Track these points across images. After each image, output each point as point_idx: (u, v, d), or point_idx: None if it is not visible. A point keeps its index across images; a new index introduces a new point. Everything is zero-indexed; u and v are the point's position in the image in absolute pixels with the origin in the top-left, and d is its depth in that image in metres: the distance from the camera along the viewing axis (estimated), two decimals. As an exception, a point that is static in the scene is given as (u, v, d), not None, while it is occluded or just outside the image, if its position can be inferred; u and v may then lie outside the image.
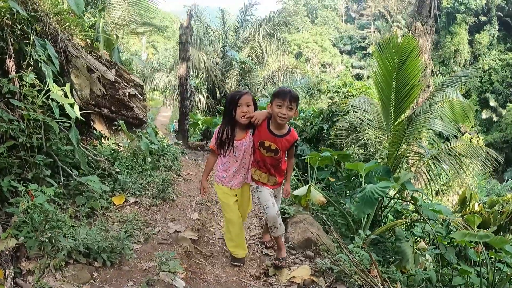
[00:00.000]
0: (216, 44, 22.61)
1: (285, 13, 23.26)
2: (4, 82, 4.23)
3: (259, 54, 21.51)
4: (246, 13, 22.76)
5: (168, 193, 5.88)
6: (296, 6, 74.47)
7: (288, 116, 3.76)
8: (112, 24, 11.71)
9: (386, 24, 63.84)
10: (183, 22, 14.23)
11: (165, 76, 22.05)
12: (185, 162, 9.23)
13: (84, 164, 4.85)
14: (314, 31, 72.07)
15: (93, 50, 6.88)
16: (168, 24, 57.79)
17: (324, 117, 11.84)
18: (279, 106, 3.74)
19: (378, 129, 8.55)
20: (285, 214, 5.44)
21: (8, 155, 3.95)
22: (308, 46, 65.79)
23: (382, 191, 5.98)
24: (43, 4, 5.52)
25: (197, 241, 4.67)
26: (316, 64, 63.11)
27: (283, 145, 3.95)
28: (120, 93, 6.71)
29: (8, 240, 3.28)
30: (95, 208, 4.46)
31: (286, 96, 3.71)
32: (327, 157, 7.76)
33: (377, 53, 7.56)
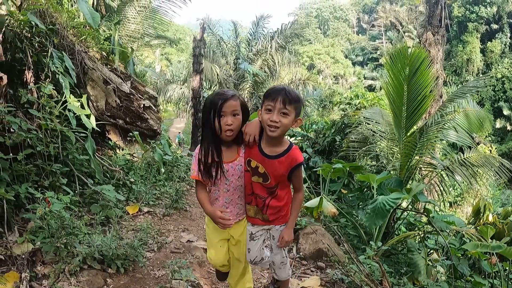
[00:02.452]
0: (229, 56, 22.79)
1: (297, 25, 23.42)
2: (23, 92, 4.36)
3: (272, 66, 21.63)
4: (258, 26, 22.96)
5: (181, 204, 5.94)
6: (308, 18, 74.91)
7: (283, 124, 2.59)
8: (126, 37, 11.92)
9: (398, 35, 63.69)
10: (196, 35, 14.43)
11: (179, 88, 22.26)
12: (198, 172, 9.26)
13: (99, 173, 4.96)
14: (326, 42, 72.20)
15: (109, 62, 7.03)
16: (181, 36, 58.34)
17: (337, 128, 11.86)
18: (269, 111, 2.61)
19: (390, 140, 8.54)
20: (296, 226, 5.47)
21: (26, 163, 4.06)
22: (320, 57, 65.84)
23: (393, 202, 5.98)
24: (60, 17, 5.69)
25: (208, 250, 4.71)
26: (329, 76, 63.11)
27: (275, 169, 2.75)
28: (135, 105, 6.84)
29: (25, 244, 3.36)
30: (110, 217, 4.53)
31: (278, 96, 2.58)
32: (339, 168, 7.76)
33: (388, 64, 7.57)
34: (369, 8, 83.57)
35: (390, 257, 6.74)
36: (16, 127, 3.97)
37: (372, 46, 70.94)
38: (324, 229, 5.61)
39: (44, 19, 5.26)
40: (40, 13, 5.23)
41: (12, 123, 3.95)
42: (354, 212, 7.48)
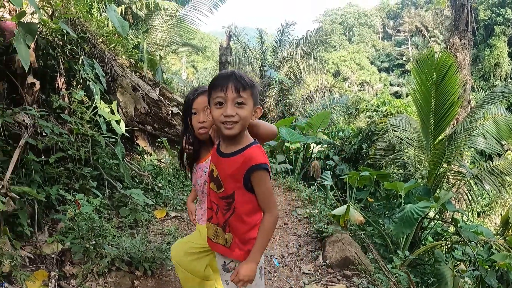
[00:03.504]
0: (254, 64, 22.86)
1: (322, 32, 23.36)
2: (55, 98, 4.49)
3: (297, 73, 21.60)
4: (284, 33, 22.98)
5: (208, 209, 5.96)
6: (333, 25, 74.51)
7: (241, 118, 2.06)
8: (154, 45, 12.11)
9: (424, 40, 62.69)
10: (222, 43, 14.58)
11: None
12: (224, 179, 9.33)
13: (128, 177, 5.05)
14: (351, 49, 71.59)
15: (137, 69, 7.16)
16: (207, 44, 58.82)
17: (363, 136, 11.80)
18: (220, 105, 2.07)
19: (417, 148, 8.46)
20: (323, 233, 5.46)
21: (57, 165, 4.17)
22: (345, 64, 65.31)
23: (421, 211, 5.92)
24: (90, 26, 5.85)
25: (235, 256, 4.73)
26: (354, 83, 62.58)
27: (226, 171, 2.17)
28: (163, 111, 6.96)
29: (54, 244, 3.45)
30: (138, 220, 4.61)
31: (228, 83, 2.05)
32: (366, 176, 7.72)
33: (415, 70, 7.52)
34: (394, 13, 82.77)
35: (417, 268, 6.66)
36: (49, 131, 4.10)
37: (398, 52, 70.07)
38: (351, 237, 5.58)
39: (75, 27, 5.41)
40: (71, 22, 5.39)
41: (45, 127, 4.08)
42: (380, 221, 7.43)
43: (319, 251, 5.24)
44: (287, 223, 6.55)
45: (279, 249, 5.37)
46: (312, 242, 5.57)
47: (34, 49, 4.43)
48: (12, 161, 3.59)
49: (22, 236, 3.53)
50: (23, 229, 3.50)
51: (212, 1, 13.95)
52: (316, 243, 5.52)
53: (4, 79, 4.18)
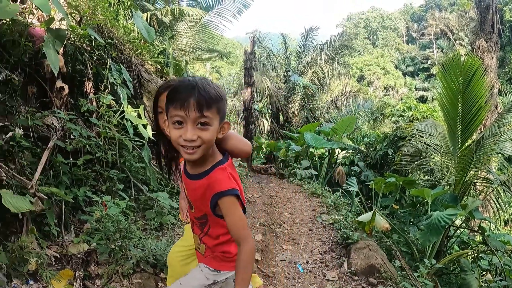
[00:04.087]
0: (278, 69, 22.87)
1: (346, 37, 23.27)
2: (84, 102, 4.57)
3: (321, 78, 21.53)
4: (307, 38, 22.94)
5: (233, 214, 5.97)
6: (356, 29, 74.11)
7: (204, 141, 1.77)
8: (179, 50, 12.24)
9: (449, 43, 61.73)
10: (247, 48, 14.57)
11: (230, 101, 22.48)
12: (249, 184, 9.39)
13: (154, 181, 5.10)
14: (376, 53, 71.09)
15: (163, 75, 7.24)
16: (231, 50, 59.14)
17: (389, 142, 11.70)
18: (179, 124, 1.75)
19: (444, 154, 8.33)
20: (348, 240, 5.41)
21: (85, 167, 4.24)
22: (370, 69, 64.84)
23: (449, 218, 5.84)
24: (117, 32, 5.95)
25: (260, 261, 4.73)
26: (379, 87, 62.00)
27: (193, 194, 1.98)
28: (188, 116, 7.00)
29: (80, 245, 3.49)
30: (164, 223, 4.65)
31: (189, 99, 1.71)
32: (392, 183, 7.65)
33: (441, 73, 7.43)
34: (417, 16, 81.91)
35: (442, 277, 6.55)
36: (77, 134, 4.18)
37: (423, 56, 69.15)
38: (376, 244, 5.53)
39: (103, 33, 5.51)
40: (98, 28, 5.50)
41: (73, 130, 4.16)
42: (405, 229, 7.34)
43: (344, 258, 5.20)
44: (311, 229, 6.52)
45: (303, 255, 5.35)
46: (337, 248, 5.53)
47: (62, 54, 4.51)
48: (41, 163, 3.66)
49: (49, 236, 3.59)
50: (50, 229, 3.57)
51: (236, 7, 14.05)
52: (341, 249, 5.48)
53: (33, 83, 4.27)
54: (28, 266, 3.07)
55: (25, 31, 4.05)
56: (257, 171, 13.33)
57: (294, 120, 20.80)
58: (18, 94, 4.03)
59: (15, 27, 4.01)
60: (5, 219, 3.30)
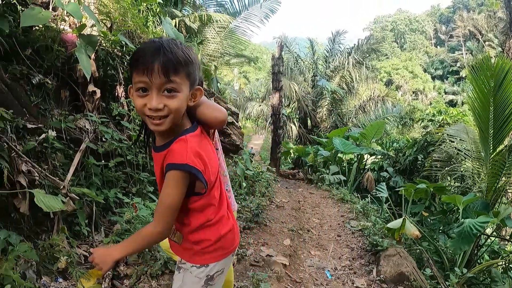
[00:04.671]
0: (306, 73, 22.82)
1: (373, 40, 23.08)
2: (115, 105, 4.65)
3: (349, 82, 21.40)
4: (335, 42, 22.86)
5: (262, 218, 5.98)
6: (383, 32, 73.27)
7: (172, 110, 1.59)
8: (207, 56, 12.34)
9: (478, 44, 60.42)
10: (274, 53, 14.59)
11: (258, 105, 22.53)
12: (277, 189, 9.37)
13: None
14: (404, 56, 69.95)
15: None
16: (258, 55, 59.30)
17: (419, 147, 11.52)
18: (143, 92, 1.58)
19: (475, 159, 8.15)
20: (377, 247, 5.34)
21: (116, 170, 4.31)
22: (398, 72, 63.86)
23: (481, 226, 5.72)
24: (147, 38, 6.03)
25: (288, 266, 4.70)
26: (408, 91, 61.07)
27: (157, 166, 1.79)
28: (218, 120, 7.06)
29: (110, 245, 3.54)
30: (192, 225, 4.66)
31: (154, 62, 1.52)
32: (422, 189, 7.52)
33: (471, 76, 7.28)
34: (445, 17, 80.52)
35: (471, 287, 6.40)
36: (108, 136, 4.25)
37: (452, 58, 67.82)
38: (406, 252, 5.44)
39: (133, 39, 5.61)
40: (129, 34, 5.61)
41: (105, 133, 4.24)
42: (435, 236, 7.21)
43: (373, 265, 5.13)
44: (340, 235, 6.46)
45: (332, 261, 5.30)
46: (366, 255, 5.46)
47: (94, 59, 4.60)
48: (73, 164, 3.74)
49: (79, 235, 3.66)
50: (81, 229, 3.64)
51: (263, 12, 14.13)
52: (370, 256, 5.41)
53: (66, 87, 4.36)
54: (57, 264, 3.14)
55: (57, 37, 4.14)
56: (285, 176, 13.30)
57: (322, 125, 20.70)
58: (51, 98, 4.13)
59: (48, 33, 4.10)
60: (37, 218, 3.38)
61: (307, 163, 14.35)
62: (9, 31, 3.69)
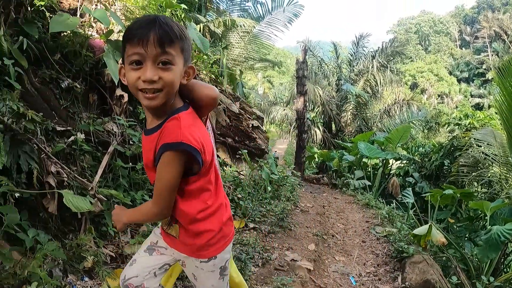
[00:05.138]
0: (330, 77, 22.74)
1: (397, 43, 22.92)
2: (142, 109, 4.71)
3: (374, 86, 21.24)
4: (358, 46, 22.73)
5: (286, 222, 5.97)
6: (407, 35, 72.38)
7: (166, 83, 1.55)
8: (231, 60, 12.43)
9: (504, 45, 59.15)
10: (298, 57, 14.60)
11: (282, 110, 22.52)
12: (302, 193, 9.35)
13: None
14: (428, 59, 68.67)
15: (217, 84, 7.38)
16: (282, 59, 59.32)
17: (445, 152, 11.36)
18: (137, 64, 1.54)
19: (503, 164, 8.00)
20: (403, 253, 5.29)
21: (143, 172, 4.35)
22: (423, 75, 62.74)
23: (509, 233, 5.60)
24: None
25: (313, 271, 4.69)
26: (433, 95, 60.07)
27: (149, 153, 1.71)
28: (243, 125, 7.14)
29: (136, 246, 3.59)
30: (218, 229, 4.70)
31: (149, 33, 1.50)
32: (448, 195, 7.40)
33: (498, 78, 7.15)
34: (470, 18, 79.14)
35: (496, 297, 6.27)
36: (136, 139, 4.32)
37: (477, 60, 66.43)
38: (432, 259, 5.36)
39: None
40: (155, 40, 5.66)
41: (132, 136, 4.30)
42: (461, 244, 7.09)
43: (398, 272, 5.08)
44: (365, 241, 6.42)
45: (356, 267, 5.27)
46: (391, 262, 5.41)
47: (122, 64, 4.68)
48: (101, 166, 3.80)
49: (106, 236, 3.71)
50: (107, 229, 3.69)
51: (287, 17, 14.14)
52: (395, 263, 5.36)
53: (94, 91, 4.44)
54: (84, 263, 3.20)
55: (85, 43, 4.22)
56: (309, 180, 13.25)
57: (346, 129, 20.58)
58: (80, 101, 4.21)
59: (76, 38, 4.18)
60: (65, 218, 3.45)
61: (332, 167, 14.27)
62: (38, 37, 3.80)
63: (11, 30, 3.65)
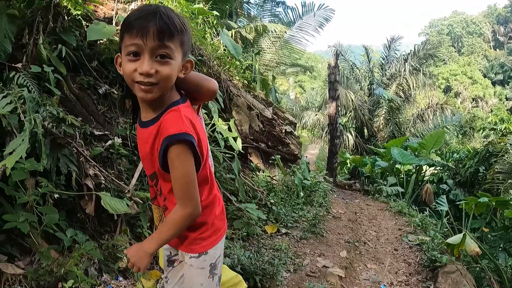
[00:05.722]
0: (362, 82, 22.52)
1: (429, 45, 22.51)
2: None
3: (406, 90, 20.93)
4: (390, 49, 22.42)
5: (319, 229, 5.95)
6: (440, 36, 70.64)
7: (163, 77, 1.50)
8: (263, 66, 12.50)
9: (539, 45, 57.25)
10: (330, 62, 14.55)
11: (314, 115, 22.42)
12: (334, 199, 9.30)
13: (242, 192, 5.28)
14: (462, 61, 66.50)
15: (250, 90, 7.45)
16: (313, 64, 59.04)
17: (480, 158, 11.10)
18: (134, 56, 1.49)
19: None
20: (436, 263, 5.21)
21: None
22: (456, 78, 60.80)
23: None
24: (206, 50, 6.28)
25: (344, 279, 4.65)
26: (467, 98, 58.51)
27: (145, 146, 1.66)
28: (276, 130, 7.18)
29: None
30: (250, 234, 4.77)
31: (148, 24, 1.45)
32: (483, 203, 7.25)
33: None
34: (503, 18, 76.92)
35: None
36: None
37: (512, 62, 64.57)
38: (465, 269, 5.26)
39: (193, 51, 5.83)
40: (189, 46, 5.80)
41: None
42: (495, 254, 6.92)
43: (430, 281, 4.99)
44: (397, 249, 6.33)
45: (388, 276, 5.21)
46: (423, 271, 5.32)
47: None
48: (137, 170, 3.89)
49: (141, 237, 3.77)
50: (142, 231, 3.76)
51: (318, 21, 14.14)
52: (427, 272, 5.26)
53: (130, 97, 4.55)
54: (119, 263, 3.29)
55: (121, 50, 4.35)
56: (341, 186, 13.15)
57: (379, 134, 20.32)
58: (117, 107, 4.32)
59: (112, 46, 4.31)
60: (101, 219, 3.54)
61: (364, 173, 14.13)
62: (76, 45, 3.96)
63: (50, 38, 3.82)
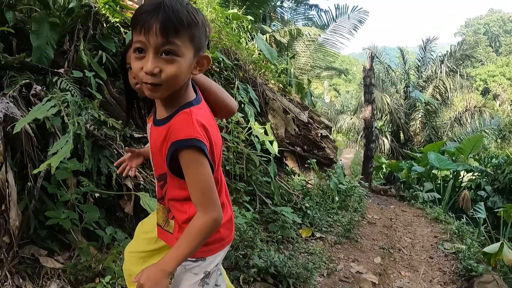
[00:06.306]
0: (398, 84, 22.20)
1: (466, 46, 22.02)
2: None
3: (443, 93, 20.48)
4: (426, 50, 21.96)
5: (353, 234, 5.93)
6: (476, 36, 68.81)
7: (168, 77, 1.38)
8: (298, 69, 12.55)
9: None
10: (365, 64, 14.48)
11: (349, 119, 22.25)
12: (369, 205, 9.23)
13: (278, 195, 5.35)
14: (500, 62, 64.11)
15: (286, 93, 7.53)
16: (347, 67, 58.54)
17: (520, 164, 10.82)
18: (140, 53, 1.39)
19: None
20: (472, 272, 5.13)
21: (214, 176, 4.55)
22: (495, 80, 58.61)
23: None
24: (241, 54, 6.42)
25: (377, 285, 4.64)
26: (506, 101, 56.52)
27: (155, 144, 1.57)
28: (312, 134, 7.21)
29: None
30: (285, 237, 4.82)
31: (151, 19, 1.33)
32: (521, 211, 7.08)
33: None
34: (542, 15, 74.36)
35: None
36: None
37: (553, 60, 62.02)
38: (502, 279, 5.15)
39: (229, 56, 5.96)
40: (224, 51, 5.98)
41: (205, 144, 4.52)
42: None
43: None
44: (432, 257, 6.25)
45: (422, 284, 5.16)
46: (459, 280, 5.24)
47: (196, 75, 4.93)
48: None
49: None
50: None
51: (352, 24, 14.13)
52: (462, 282, 5.19)
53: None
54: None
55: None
56: (376, 191, 13.02)
57: (415, 138, 19.95)
58: (155, 110, 4.46)
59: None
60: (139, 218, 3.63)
61: (400, 179, 13.95)
62: (115, 51, 4.13)
63: (90, 45, 4.00)
